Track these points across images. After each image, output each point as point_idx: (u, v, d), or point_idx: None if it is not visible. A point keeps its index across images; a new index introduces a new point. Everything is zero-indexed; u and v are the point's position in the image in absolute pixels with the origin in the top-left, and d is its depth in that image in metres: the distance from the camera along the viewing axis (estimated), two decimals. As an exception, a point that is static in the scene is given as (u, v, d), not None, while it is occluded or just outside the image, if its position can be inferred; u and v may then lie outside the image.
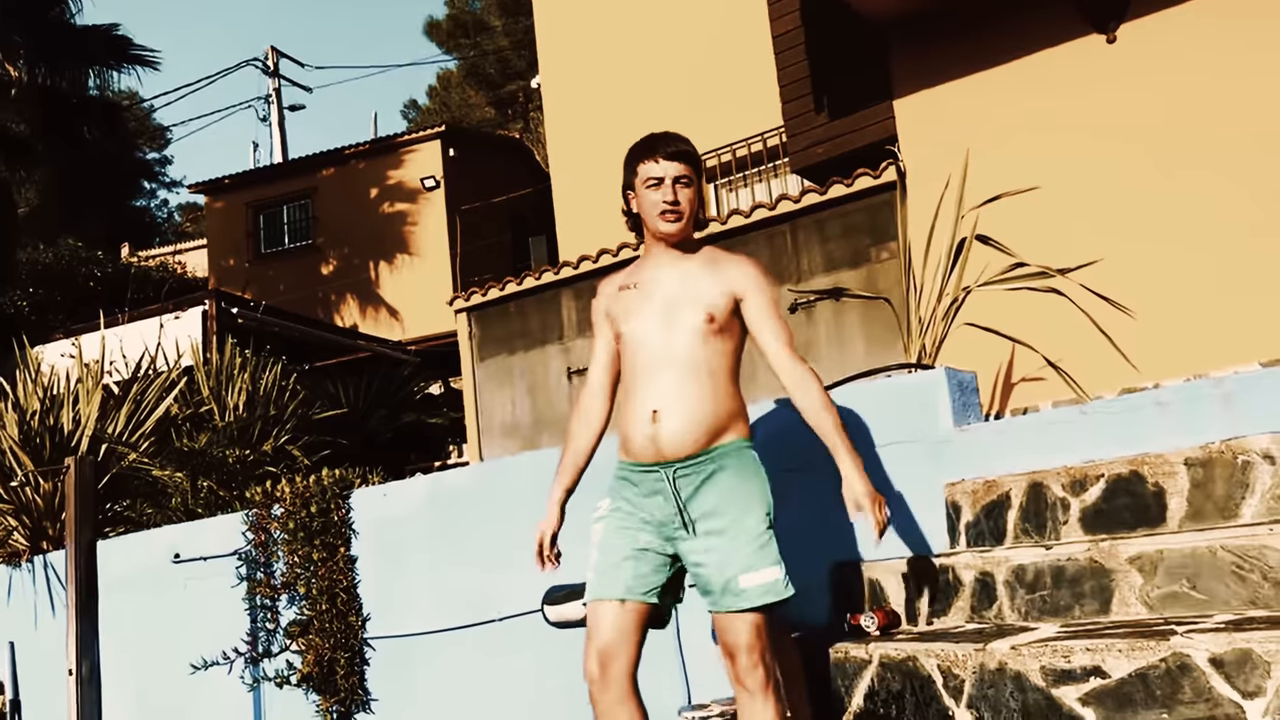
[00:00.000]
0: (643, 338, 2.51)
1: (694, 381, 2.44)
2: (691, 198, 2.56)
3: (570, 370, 7.80)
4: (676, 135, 2.59)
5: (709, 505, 2.40)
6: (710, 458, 2.42)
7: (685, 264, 2.58)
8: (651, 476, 2.45)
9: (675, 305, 2.51)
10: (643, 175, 2.55)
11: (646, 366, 2.49)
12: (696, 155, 2.61)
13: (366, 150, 16.13)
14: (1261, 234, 4.96)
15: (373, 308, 15.55)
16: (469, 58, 28.48)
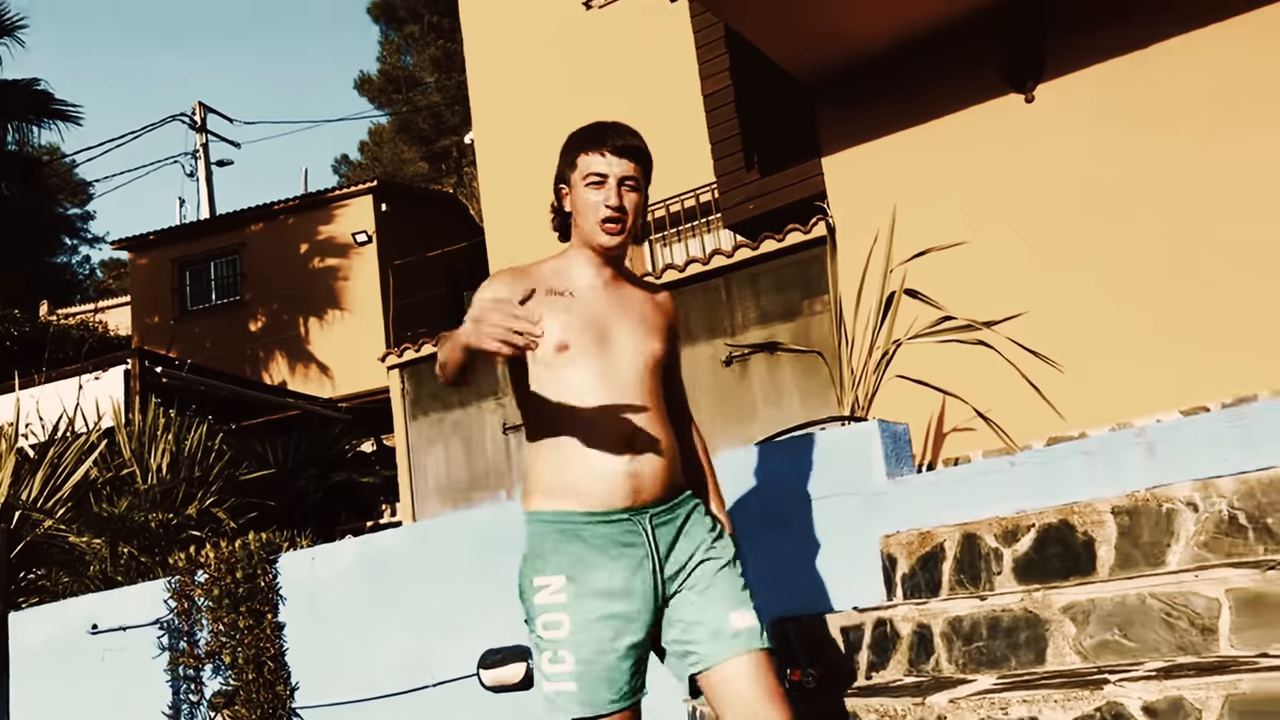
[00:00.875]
0: (594, 357, 2.09)
1: (662, 417, 2.13)
2: (637, 205, 2.15)
3: (506, 426, 7.73)
4: (628, 128, 2.18)
5: (689, 553, 2.09)
6: (684, 500, 2.14)
7: (620, 284, 2.22)
8: (620, 528, 2.02)
9: (617, 330, 2.14)
10: (583, 169, 2.13)
11: (607, 392, 2.07)
12: (649, 155, 2.19)
13: (297, 205, 15.97)
14: (1177, 284, 5.14)
15: (303, 364, 15.30)
16: (402, 113, 28.53)
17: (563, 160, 2.21)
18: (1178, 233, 5.19)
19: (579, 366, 2.07)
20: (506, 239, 9.65)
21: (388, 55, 29.28)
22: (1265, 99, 5.11)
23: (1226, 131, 5.17)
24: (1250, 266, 5.01)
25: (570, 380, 2.07)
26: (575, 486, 2.03)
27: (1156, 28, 5.35)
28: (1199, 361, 4.99)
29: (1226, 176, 5.15)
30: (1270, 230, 5.00)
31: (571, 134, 2.21)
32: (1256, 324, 4.92)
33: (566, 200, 2.21)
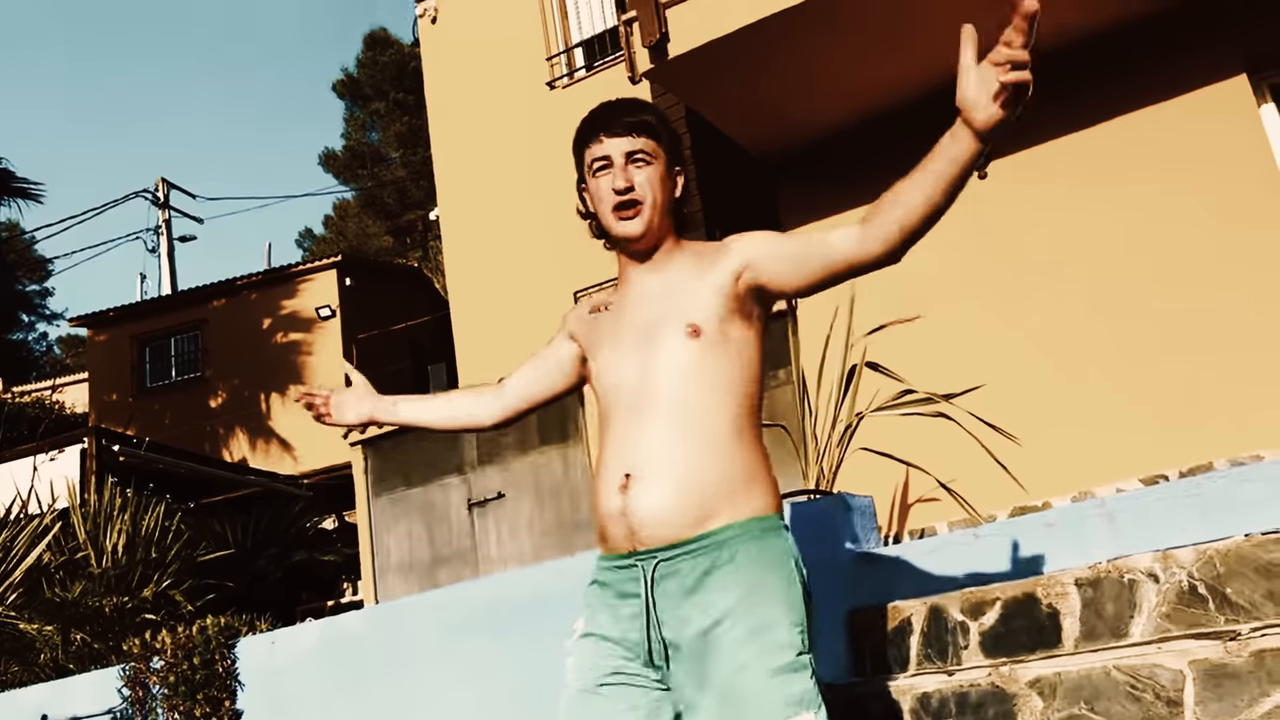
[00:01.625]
0: (616, 376, 1.81)
1: (683, 430, 1.70)
2: (656, 181, 1.84)
3: (471, 502, 7.67)
4: (631, 101, 1.91)
5: (704, 620, 1.62)
6: (708, 545, 1.65)
7: (670, 272, 1.87)
8: (624, 574, 1.72)
9: (654, 327, 1.80)
10: (588, 160, 1.89)
11: (621, 415, 1.77)
12: (660, 124, 1.88)
13: (260, 280, 15.93)
14: (1135, 356, 5.25)
15: (264, 441, 15.11)
16: (367, 188, 28.70)
17: (575, 159, 1.96)
18: (1133, 307, 5.31)
19: (601, 394, 1.86)
20: (471, 313, 9.67)
21: (353, 131, 29.55)
22: (1210, 180, 5.29)
23: (1175, 213, 5.34)
24: (1205, 339, 5.14)
25: (601, 411, 1.85)
26: (599, 525, 1.79)
27: (1108, 104, 5.55)
28: (1158, 430, 5.07)
29: (1178, 256, 5.30)
30: (1222, 305, 5.14)
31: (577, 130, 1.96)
32: (1211, 394, 5.02)
33: (588, 201, 1.95)
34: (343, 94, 29.38)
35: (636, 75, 5.41)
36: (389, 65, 27.59)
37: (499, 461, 7.69)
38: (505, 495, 7.55)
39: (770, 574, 1.65)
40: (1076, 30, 5.38)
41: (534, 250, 9.27)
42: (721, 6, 5.15)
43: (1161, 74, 5.40)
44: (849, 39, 5.24)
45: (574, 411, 7.47)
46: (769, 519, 1.70)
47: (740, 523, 1.67)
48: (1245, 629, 2.35)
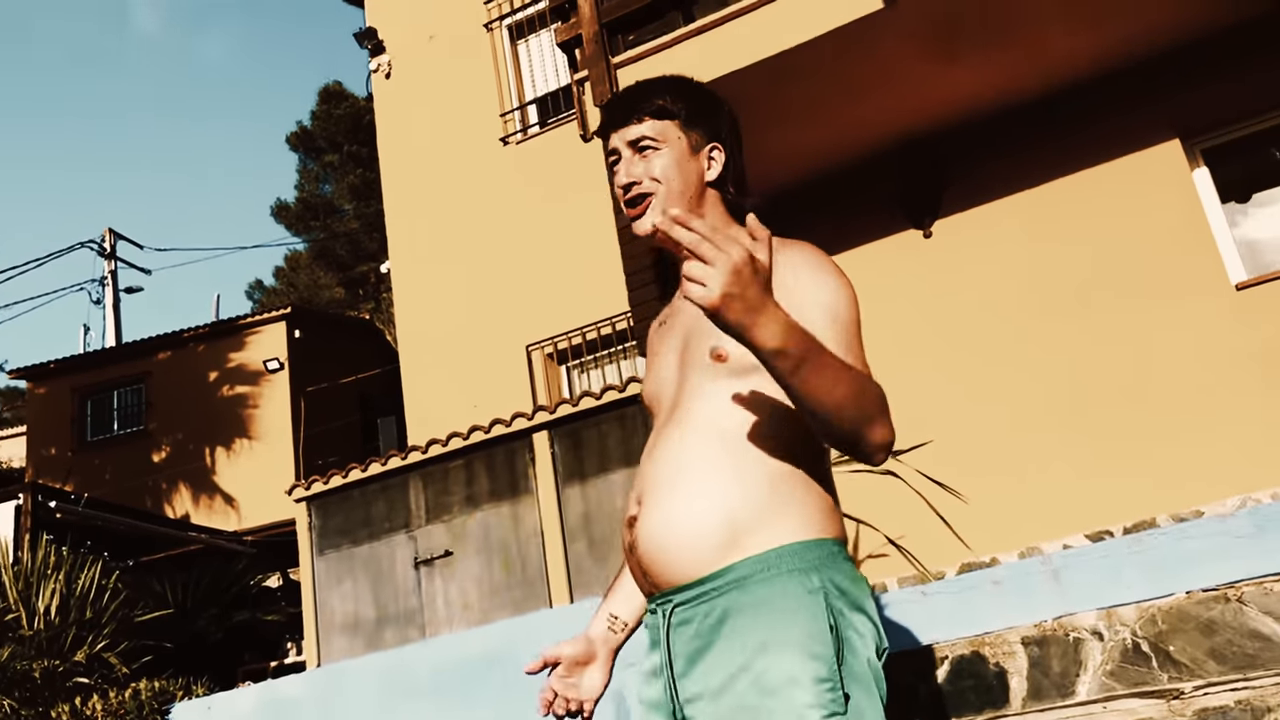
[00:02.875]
0: (656, 397, 1.64)
1: (703, 454, 1.46)
2: (672, 164, 1.61)
3: (418, 560, 7.54)
4: (647, 81, 1.70)
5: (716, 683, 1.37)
6: (724, 586, 1.39)
7: None
8: (651, 620, 1.50)
9: (690, 338, 1.59)
10: (607, 158, 1.70)
11: (655, 437, 1.58)
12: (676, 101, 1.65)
13: (207, 333, 15.70)
14: (1079, 412, 5.33)
15: (208, 496, 14.79)
16: (319, 239, 28.53)
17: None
18: (1076, 365, 5.41)
19: (652, 410, 1.65)
20: (422, 366, 9.60)
21: (306, 183, 29.43)
22: (1146, 240, 5.44)
23: (1113, 271, 5.47)
24: (1146, 396, 5.24)
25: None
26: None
27: (1048, 165, 5.70)
28: (1103, 486, 5.14)
29: (1117, 313, 5.43)
30: (1160, 362, 5.26)
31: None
32: (1153, 450, 5.11)
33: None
34: (296, 146, 29.30)
35: (588, 133, 5.46)
36: (343, 118, 27.61)
37: (447, 518, 7.58)
38: (453, 553, 7.44)
39: (790, 625, 1.34)
40: (1015, 92, 5.54)
41: (486, 304, 9.25)
42: (672, 66, 5.22)
43: (1099, 137, 5.57)
44: (793, 103, 5.34)
45: (524, 467, 7.41)
46: (803, 545, 1.39)
47: (763, 555, 1.38)
48: (1188, 687, 2.37)
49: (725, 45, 5.04)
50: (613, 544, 6.96)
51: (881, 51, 5.00)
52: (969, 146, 5.74)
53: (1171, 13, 5.11)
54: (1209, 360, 5.14)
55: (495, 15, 9.92)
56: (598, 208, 8.34)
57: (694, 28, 5.08)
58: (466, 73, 9.88)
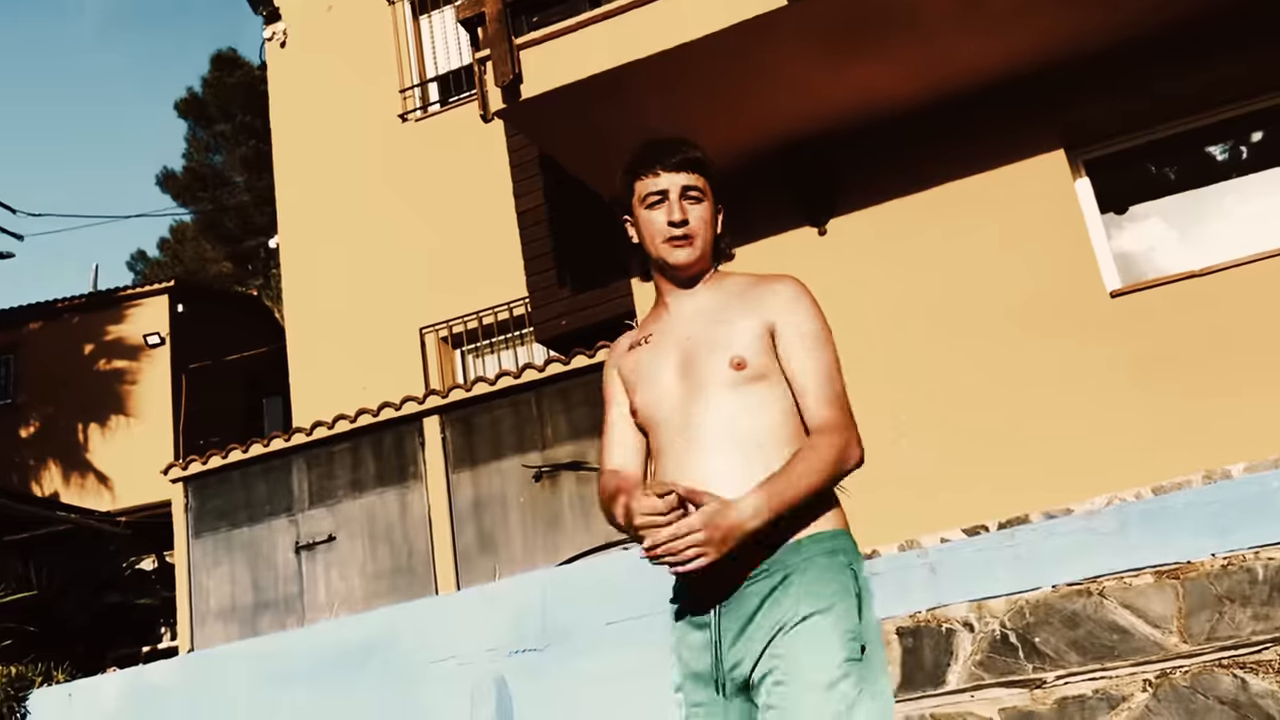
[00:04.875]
0: (658, 410, 1.87)
1: (736, 455, 1.75)
2: (706, 217, 1.99)
3: (299, 544, 7.35)
4: (683, 140, 2.03)
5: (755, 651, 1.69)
6: (769, 569, 1.71)
7: (709, 299, 1.97)
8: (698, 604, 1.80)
9: (695, 356, 1.87)
10: (640, 193, 1.99)
11: (672, 446, 1.82)
12: (710, 164, 2.03)
13: (83, 304, 15.00)
14: (960, 406, 5.49)
15: (79, 474, 14.14)
16: (207, 211, 27.54)
17: (621, 189, 2.06)
18: (956, 366, 5.57)
19: (650, 420, 1.89)
20: (310, 346, 9.35)
21: (195, 152, 28.34)
22: (1031, 246, 5.63)
23: (999, 276, 5.65)
24: (1024, 397, 5.43)
25: (651, 439, 1.90)
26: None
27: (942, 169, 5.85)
28: (980, 484, 5.31)
29: (999, 316, 5.61)
30: (1040, 363, 5.45)
31: (627, 160, 2.06)
32: (1030, 449, 5.30)
33: (634, 232, 2.04)
34: (185, 113, 28.18)
35: (489, 114, 5.38)
36: (237, 87, 26.66)
37: (330, 503, 7.41)
38: (336, 538, 7.27)
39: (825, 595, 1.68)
40: (909, 96, 5.66)
41: (379, 284, 9.06)
42: (577, 51, 5.18)
43: (988, 144, 5.74)
44: (698, 95, 5.36)
45: (414, 451, 7.29)
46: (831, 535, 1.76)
47: (800, 542, 1.72)
48: (1050, 676, 2.46)
49: (630, 32, 5.02)
50: (501, 532, 6.91)
51: (782, 48, 5.05)
52: (863, 147, 5.85)
53: (1062, 25, 5.29)
54: (1084, 364, 5.36)
55: (398, -11, 9.70)
56: (498, 190, 8.24)
57: (599, 13, 5.05)
58: (366, 46, 9.64)
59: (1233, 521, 2.73)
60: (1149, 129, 5.79)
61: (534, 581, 3.36)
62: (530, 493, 7.00)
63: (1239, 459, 4.83)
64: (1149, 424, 5.12)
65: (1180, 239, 5.80)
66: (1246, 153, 5.82)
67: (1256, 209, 5.65)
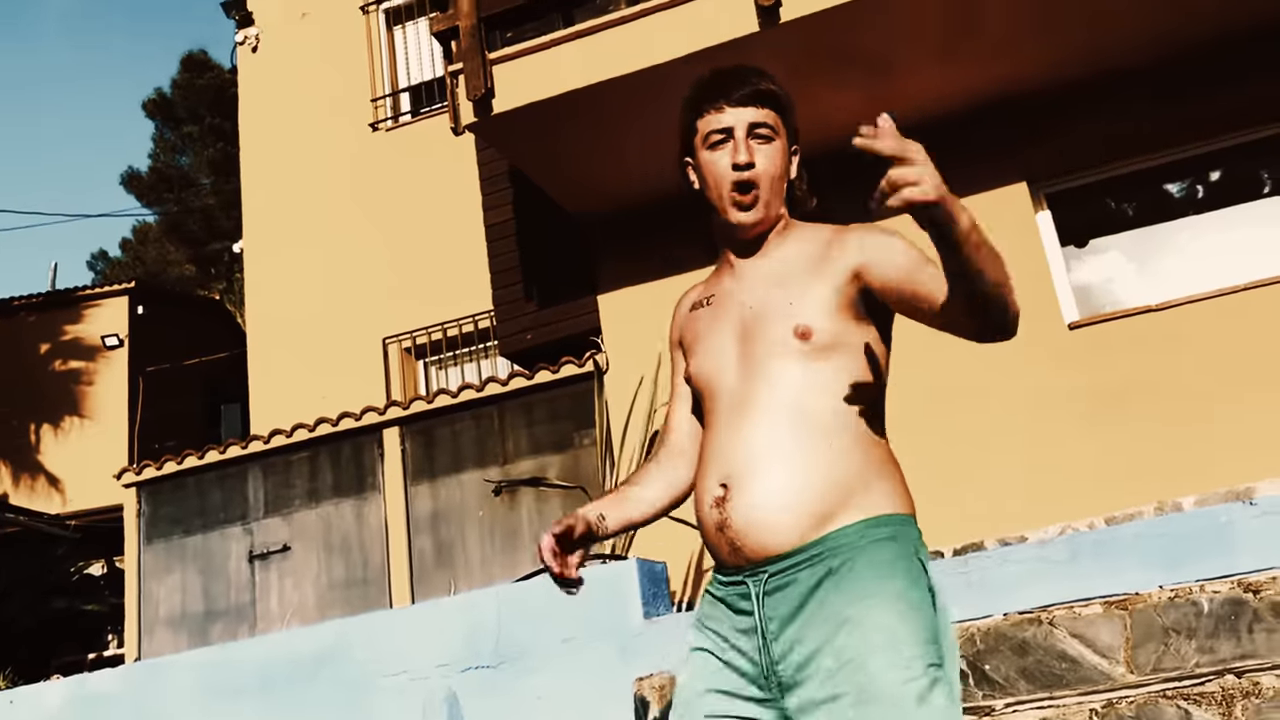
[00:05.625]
0: (715, 375, 1.67)
1: (789, 429, 1.56)
2: (778, 160, 1.69)
3: (253, 554, 7.25)
4: (752, 69, 1.73)
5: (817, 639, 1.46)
6: (821, 553, 1.49)
7: (777, 258, 1.71)
8: (735, 590, 1.58)
9: (760, 321, 1.65)
10: (701, 131, 1.71)
11: (720, 418, 1.63)
12: (785, 98, 1.72)
13: (40, 302, 14.75)
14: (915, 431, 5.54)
15: (29, 475, 13.86)
16: (172, 212, 27.23)
17: (682, 128, 1.78)
18: (916, 393, 5.63)
19: (702, 388, 1.70)
20: (270, 353, 9.26)
21: (161, 153, 28.02)
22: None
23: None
24: (981, 425, 5.49)
25: (703, 409, 1.70)
26: (703, 540, 1.64)
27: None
28: (937, 510, 5.35)
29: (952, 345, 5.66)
30: (995, 389, 5.52)
31: (688, 92, 1.77)
32: (987, 476, 5.36)
33: (693, 176, 1.77)
34: (153, 114, 27.87)
35: (460, 127, 5.38)
36: (206, 89, 26.43)
37: (286, 512, 7.33)
38: (291, 548, 7.19)
39: (889, 579, 1.47)
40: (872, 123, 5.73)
41: (343, 292, 9.00)
42: (550, 68, 5.20)
43: (951, 174, 5.80)
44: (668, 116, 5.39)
45: (372, 462, 7.23)
46: (892, 518, 1.54)
47: (856, 525, 1.50)
48: (999, 704, 2.48)
49: (602, 52, 5.05)
50: (459, 546, 6.86)
51: (755, 73, 5.10)
52: (822, 175, 5.90)
53: (1027, 62, 5.39)
54: (1041, 394, 5.43)
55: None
56: (466, 202, 8.22)
57: (572, 31, 5.08)
58: (339, 54, 9.60)
59: (1181, 554, 2.77)
60: (1110, 164, 5.90)
61: (490, 597, 3.34)
62: (489, 507, 6.97)
63: (1190, 491, 4.92)
64: (1103, 455, 5.20)
65: (1138, 272, 5.91)
66: (1203, 191, 5.95)
67: (1209, 245, 5.77)
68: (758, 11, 4.80)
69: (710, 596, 1.65)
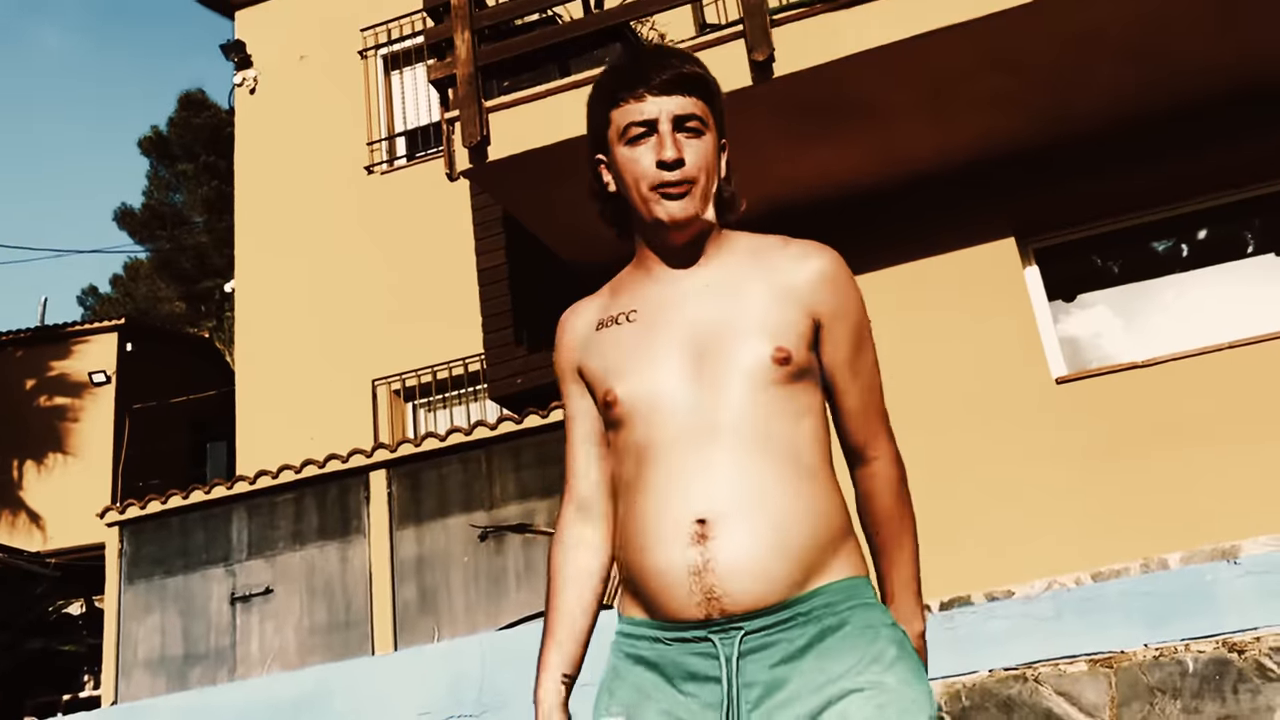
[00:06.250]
0: (660, 401, 1.42)
1: (770, 466, 1.37)
2: (709, 156, 1.48)
3: (235, 596, 7.17)
4: (675, 51, 1.53)
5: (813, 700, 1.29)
6: (813, 610, 1.33)
7: (718, 269, 1.51)
8: (689, 649, 1.35)
9: (713, 339, 1.43)
10: (618, 123, 1.48)
11: (672, 448, 1.39)
12: (714, 85, 1.51)
13: (28, 337, 14.70)
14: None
15: (10, 512, 13.72)
16: (163, 250, 27.27)
17: (592, 121, 1.54)
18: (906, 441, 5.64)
19: (633, 425, 1.44)
20: (258, 393, 9.23)
21: (156, 190, 28.14)
22: (980, 330, 5.74)
23: (946, 357, 5.76)
24: (969, 480, 5.49)
25: (626, 445, 1.45)
26: (641, 585, 1.38)
27: (899, 250, 5.96)
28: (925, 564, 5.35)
29: (948, 396, 5.69)
30: (985, 443, 5.53)
31: (601, 78, 1.54)
32: (974, 531, 5.35)
33: (608, 177, 1.54)
34: (149, 151, 28.03)
35: (455, 173, 5.42)
36: (203, 128, 26.61)
37: (270, 554, 7.26)
38: (274, 591, 7.12)
39: (890, 646, 1.35)
40: (863, 178, 5.80)
41: (333, 333, 9.00)
42: (545, 117, 5.26)
43: (942, 230, 5.88)
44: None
45: (358, 505, 7.19)
46: (865, 580, 1.42)
47: (844, 581, 1.37)
48: (985, 763, 2.46)
49: (598, 102, 5.11)
50: (443, 591, 6.80)
51: (742, 129, 5.16)
52: (813, 228, 5.96)
53: (1018, 119, 5.47)
54: (1028, 448, 5.45)
55: (371, 44, 9.80)
56: (458, 245, 8.26)
57: (568, 81, 5.14)
58: (336, 97, 9.69)
59: (1165, 613, 2.77)
60: (1098, 221, 5.97)
61: (473, 645, 3.32)
62: (475, 553, 6.92)
63: (1176, 548, 4.92)
64: (1090, 510, 5.21)
65: (1125, 328, 5.96)
66: (1188, 249, 6.02)
67: (1195, 302, 5.83)
68: (751, 66, 4.87)
69: (635, 664, 1.41)
